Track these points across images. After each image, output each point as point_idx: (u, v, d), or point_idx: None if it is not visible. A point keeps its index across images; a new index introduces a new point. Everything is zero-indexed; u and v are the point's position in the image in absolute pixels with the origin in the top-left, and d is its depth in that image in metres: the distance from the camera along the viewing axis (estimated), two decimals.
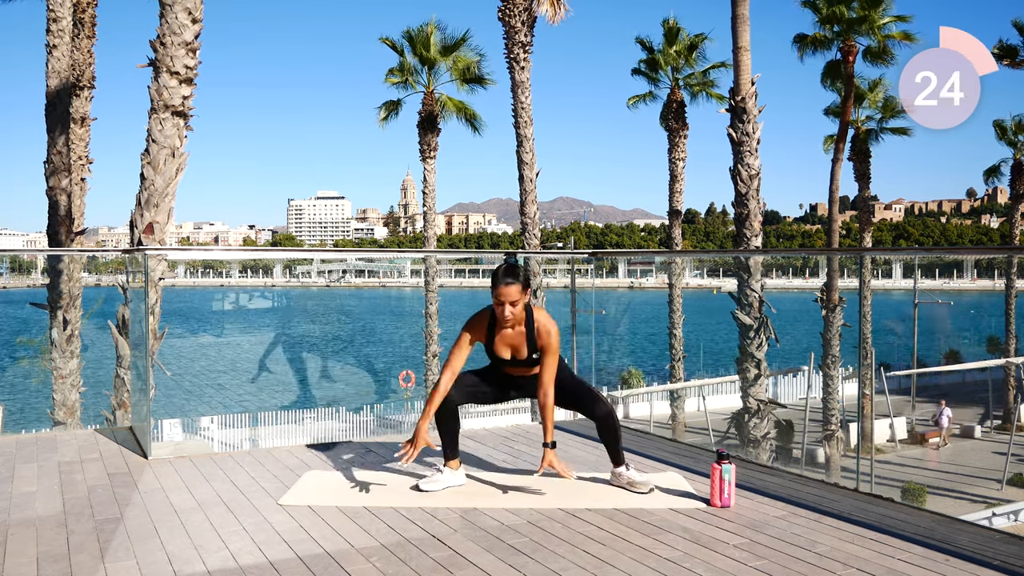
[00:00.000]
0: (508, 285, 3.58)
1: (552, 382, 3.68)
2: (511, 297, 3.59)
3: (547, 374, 3.67)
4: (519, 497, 3.61)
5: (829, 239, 23.43)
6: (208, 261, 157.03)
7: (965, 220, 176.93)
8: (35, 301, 11.68)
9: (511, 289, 3.59)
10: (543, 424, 3.66)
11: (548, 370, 3.67)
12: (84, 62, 14.06)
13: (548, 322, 3.69)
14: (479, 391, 3.83)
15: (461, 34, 22.06)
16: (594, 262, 6.37)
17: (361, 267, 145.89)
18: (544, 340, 3.67)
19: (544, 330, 3.67)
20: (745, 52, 13.60)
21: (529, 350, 3.70)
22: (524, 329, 3.69)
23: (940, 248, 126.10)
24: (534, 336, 3.68)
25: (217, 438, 19.63)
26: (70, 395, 10.97)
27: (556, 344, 3.67)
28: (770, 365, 14.06)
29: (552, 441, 3.63)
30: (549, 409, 3.65)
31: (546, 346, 3.67)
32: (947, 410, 22.57)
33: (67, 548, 2.97)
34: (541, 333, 3.67)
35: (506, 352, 3.73)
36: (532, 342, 3.69)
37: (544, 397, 3.66)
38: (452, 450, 3.76)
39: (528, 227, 18.06)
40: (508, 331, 3.70)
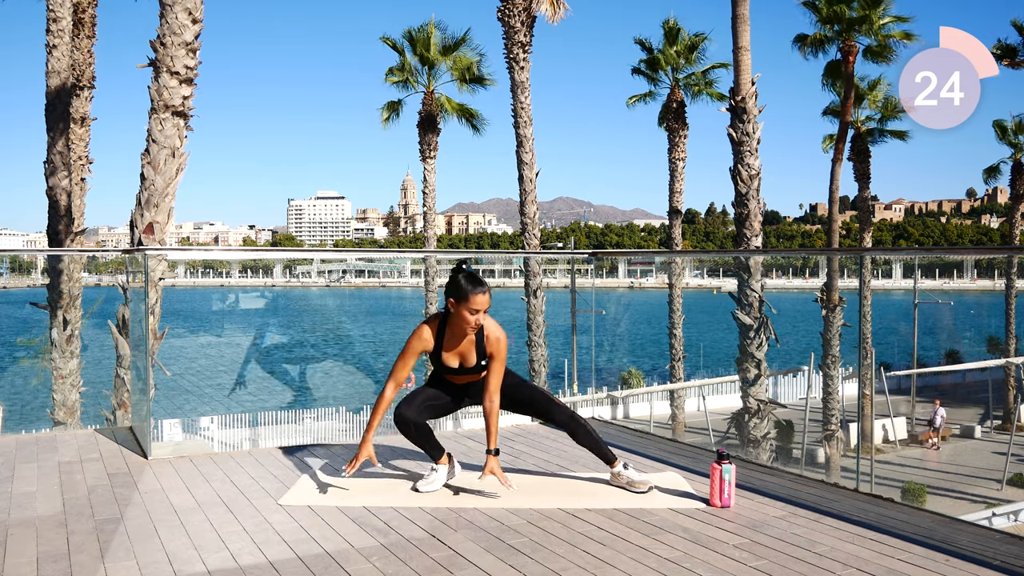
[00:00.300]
0: (484, 293, 3.56)
1: (498, 389, 3.68)
2: (486, 305, 3.58)
3: (494, 380, 3.67)
4: (519, 497, 3.61)
5: (829, 239, 23.43)
6: (208, 261, 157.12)
7: (965, 220, 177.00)
8: (35, 301, 11.68)
9: (487, 297, 3.57)
10: (487, 430, 3.64)
11: (495, 376, 3.68)
12: (84, 62, 14.07)
13: (497, 329, 3.68)
14: (437, 404, 3.79)
15: (461, 34, 22.09)
16: (594, 262, 6.37)
17: (361, 267, 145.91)
18: (493, 347, 3.66)
19: (494, 337, 3.65)
20: (745, 52, 13.61)
21: (478, 357, 3.70)
22: (473, 337, 3.67)
23: (940, 248, 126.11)
24: (483, 343, 3.67)
25: (217, 438, 19.64)
26: (70, 395, 10.97)
27: (504, 351, 3.68)
28: (770, 365, 14.06)
29: (496, 448, 3.62)
30: (494, 416, 3.65)
31: (495, 353, 3.66)
32: (941, 410, 22.53)
33: (67, 548, 2.97)
34: (491, 340, 3.66)
35: (454, 360, 3.72)
36: (481, 349, 3.68)
37: (490, 403, 3.66)
38: (436, 451, 3.75)
39: (528, 227, 18.06)
40: (457, 340, 3.68)
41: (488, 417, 3.66)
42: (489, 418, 3.66)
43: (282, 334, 50.32)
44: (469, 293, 3.54)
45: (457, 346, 3.68)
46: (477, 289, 3.55)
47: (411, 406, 3.66)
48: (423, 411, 3.71)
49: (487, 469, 3.59)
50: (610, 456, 3.80)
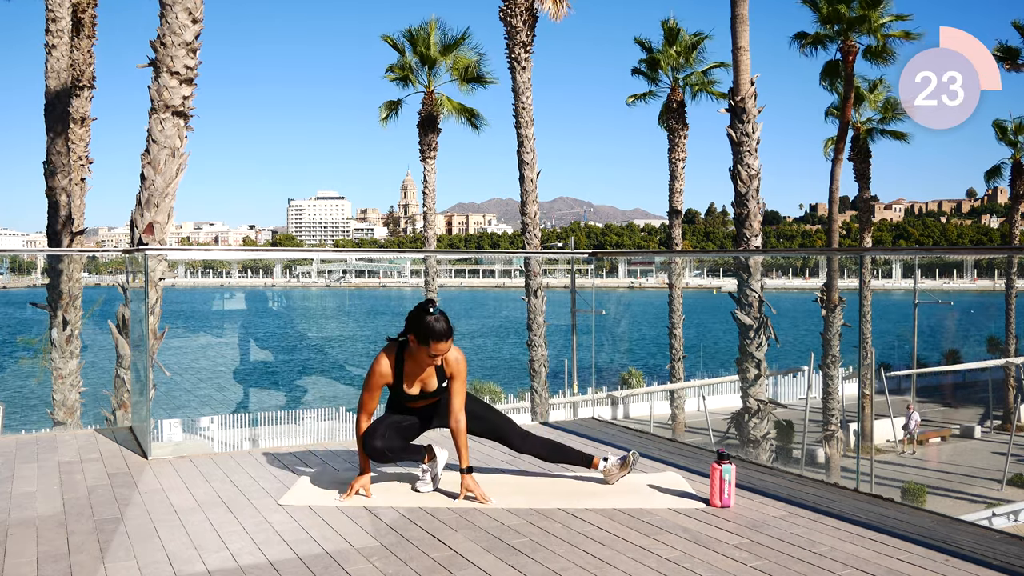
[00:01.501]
0: (445, 341, 3.54)
1: (462, 407, 3.69)
2: (446, 351, 3.57)
3: (456, 400, 3.68)
4: (519, 497, 3.61)
5: (829, 239, 23.43)
6: (208, 261, 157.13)
7: (965, 220, 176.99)
8: (35, 301, 11.68)
9: (447, 344, 3.55)
10: (458, 450, 3.65)
11: (457, 396, 3.68)
12: (84, 62, 14.06)
13: (455, 350, 3.68)
14: (403, 426, 3.78)
15: (461, 33, 22.07)
16: (594, 262, 6.37)
17: (361, 267, 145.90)
18: (453, 368, 3.67)
19: (452, 359, 3.66)
20: (745, 52, 13.61)
21: (439, 380, 3.71)
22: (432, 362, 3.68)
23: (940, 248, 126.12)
24: (443, 367, 3.68)
25: (217, 438, 19.64)
26: (70, 395, 10.97)
27: (464, 370, 3.69)
28: (770, 365, 14.06)
29: (468, 467, 3.63)
30: (462, 435, 3.65)
31: (455, 374, 3.68)
32: (915, 414, 22.44)
33: (67, 548, 2.97)
34: (450, 362, 3.66)
35: (416, 388, 3.72)
36: (441, 373, 3.70)
37: (456, 423, 3.66)
38: (418, 455, 3.76)
39: (528, 227, 18.06)
40: (419, 369, 3.68)
41: (456, 437, 3.65)
42: (457, 438, 3.65)
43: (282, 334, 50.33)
44: (431, 340, 3.51)
45: (417, 375, 3.70)
46: (440, 338, 3.51)
47: (377, 436, 3.63)
48: (393, 437, 3.68)
49: (463, 488, 3.59)
50: (586, 458, 3.86)
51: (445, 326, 3.54)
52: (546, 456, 3.91)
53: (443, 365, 3.67)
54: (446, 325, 3.54)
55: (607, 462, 3.85)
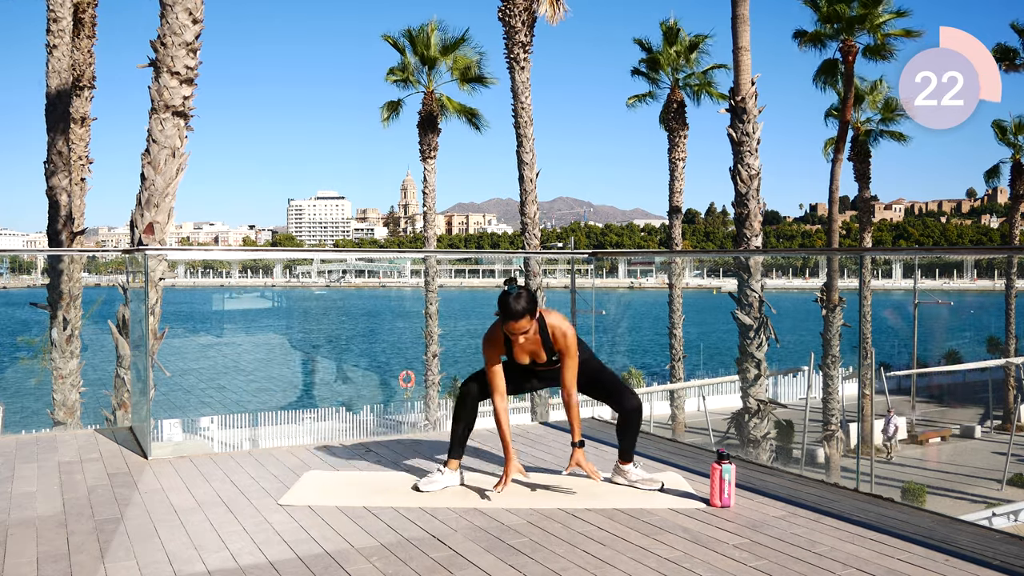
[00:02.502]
0: (518, 320, 3.52)
1: (575, 382, 3.68)
2: (523, 329, 3.56)
3: (568, 375, 3.67)
4: (519, 497, 3.61)
5: (829, 239, 23.43)
6: (208, 261, 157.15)
7: (965, 220, 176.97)
8: (35, 301, 11.68)
9: (522, 323, 3.54)
10: (570, 423, 3.69)
11: (569, 371, 3.67)
12: (84, 62, 14.06)
13: (561, 324, 3.66)
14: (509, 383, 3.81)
15: (461, 34, 22.07)
16: (594, 262, 6.37)
17: (361, 267, 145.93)
18: (560, 344, 3.66)
19: (559, 333, 3.65)
20: (745, 52, 13.61)
21: (548, 354, 3.71)
22: (539, 337, 3.67)
23: (940, 248, 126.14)
24: (550, 341, 3.67)
25: (217, 438, 19.65)
26: (70, 395, 10.97)
27: (573, 345, 3.66)
28: (770, 365, 14.06)
29: (580, 440, 3.66)
30: (575, 408, 3.67)
31: (563, 349, 3.66)
32: (895, 418, 22.37)
33: (67, 548, 2.97)
34: (557, 337, 3.65)
35: (526, 359, 3.74)
36: (549, 347, 3.69)
37: (569, 397, 3.68)
38: (457, 450, 3.77)
39: (528, 227, 18.06)
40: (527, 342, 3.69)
41: (569, 410, 3.69)
42: (570, 411, 3.68)
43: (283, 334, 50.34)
44: (506, 320, 3.53)
45: (524, 346, 3.69)
46: (512, 317, 3.51)
47: (478, 382, 3.70)
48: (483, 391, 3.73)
49: (572, 461, 3.64)
50: (631, 455, 3.84)
51: (518, 307, 3.51)
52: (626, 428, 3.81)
53: (551, 340, 3.66)
54: (520, 305, 3.51)
55: (635, 468, 3.80)
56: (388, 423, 22.38)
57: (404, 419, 22.71)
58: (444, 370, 21.48)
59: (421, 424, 20.97)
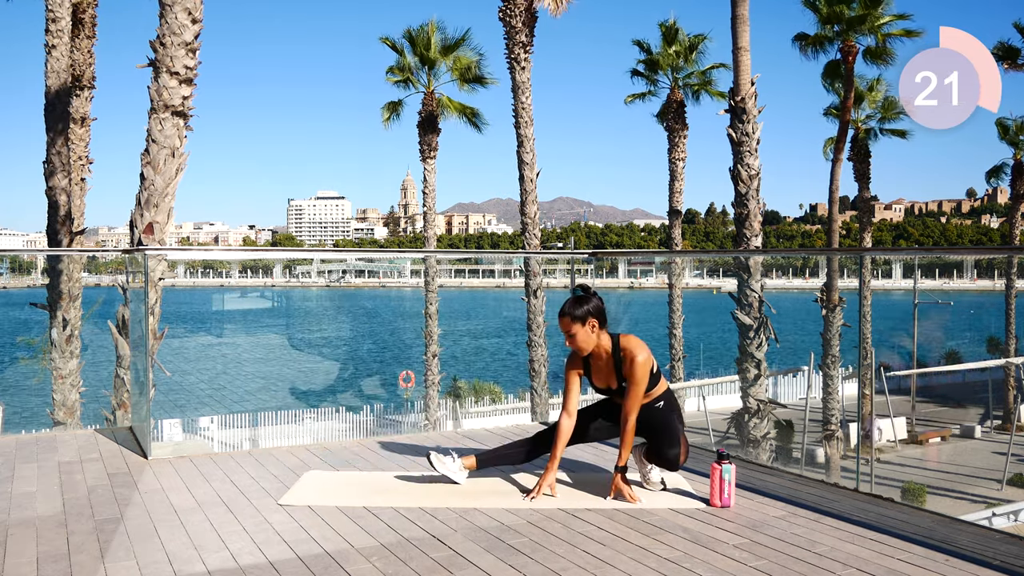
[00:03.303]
0: (561, 318, 3.67)
1: (635, 408, 3.62)
2: (565, 329, 3.66)
3: (630, 401, 3.63)
4: (519, 497, 3.61)
5: (829, 239, 23.43)
6: (208, 261, 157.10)
7: (965, 220, 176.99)
8: (35, 301, 11.68)
9: (562, 321, 3.67)
10: (621, 446, 3.62)
11: (632, 397, 3.63)
12: (84, 62, 14.06)
13: (634, 349, 3.63)
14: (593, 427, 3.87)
15: (461, 34, 22.08)
16: (594, 262, 6.37)
17: (361, 267, 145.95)
18: (627, 369, 3.64)
19: (629, 357, 3.64)
20: (745, 52, 13.61)
21: (618, 380, 3.70)
22: (612, 359, 3.69)
23: (940, 248, 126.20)
24: (621, 365, 3.67)
25: (217, 438, 19.65)
26: (70, 395, 10.97)
27: (640, 372, 3.60)
28: (770, 365, 14.06)
29: (623, 466, 3.61)
30: (627, 433, 3.61)
31: (629, 375, 3.63)
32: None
33: (67, 548, 2.97)
34: (627, 362, 3.65)
35: (601, 382, 3.77)
36: (619, 371, 3.68)
37: (625, 420, 3.62)
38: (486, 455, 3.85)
39: (528, 227, 18.06)
40: (599, 362, 3.72)
41: (623, 434, 3.62)
42: (624, 435, 3.61)
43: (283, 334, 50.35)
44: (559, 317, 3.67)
45: (598, 368, 3.74)
46: (559, 314, 3.67)
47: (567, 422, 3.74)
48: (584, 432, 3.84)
49: (614, 486, 3.59)
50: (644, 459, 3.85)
51: (565, 307, 3.66)
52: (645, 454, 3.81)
53: (622, 365, 3.66)
54: (568, 307, 3.66)
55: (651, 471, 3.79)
56: (388, 423, 22.38)
57: (404, 419, 22.71)
58: (444, 370, 21.49)
59: (421, 424, 20.97)
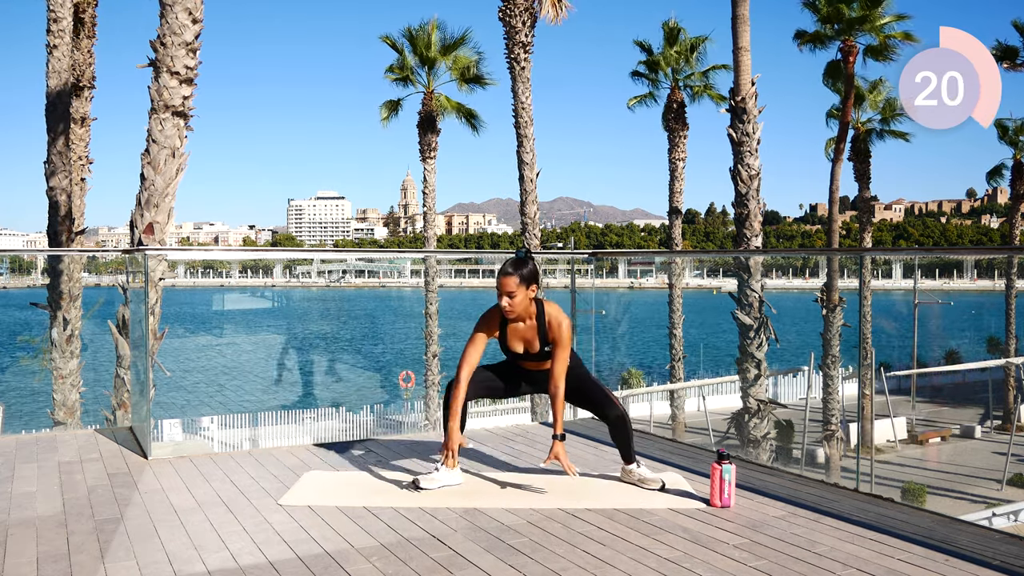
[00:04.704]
0: (506, 276, 3.64)
1: (563, 374, 3.70)
2: (507, 287, 3.63)
3: (558, 366, 3.70)
4: (519, 497, 3.61)
5: (829, 239, 23.42)
6: (208, 261, 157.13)
7: (965, 220, 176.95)
8: (35, 301, 11.68)
9: (508, 280, 3.63)
10: (554, 415, 3.69)
11: (559, 362, 3.70)
12: (84, 62, 14.06)
13: (559, 315, 3.71)
14: (492, 385, 3.88)
15: (461, 34, 22.07)
16: (594, 262, 6.37)
17: (361, 267, 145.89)
18: (555, 333, 3.70)
19: (555, 323, 3.69)
20: (745, 52, 13.61)
21: (541, 343, 3.74)
22: (535, 323, 3.73)
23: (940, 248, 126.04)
24: (545, 329, 3.71)
25: (217, 438, 19.64)
26: (70, 395, 10.97)
27: (567, 337, 3.70)
28: (770, 365, 14.06)
29: (562, 433, 3.66)
30: (560, 400, 3.68)
31: (557, 339, 3.70)
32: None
33: (67, 548, 2.97)
34: (552, 326, 3.70)
35: (519, 346, 3.78)
36: (543, 335, 3.73)
37: (555, 388, 3.69)
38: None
39: (528, 227, 18.06)
40: (520, 325, 3.74)
41: (554, 401, 3.68)
42: (555, 403, 3.68)
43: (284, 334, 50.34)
44: (499, 276, 3.65)
45: (519, 331, 3.74)
46: (502, 271, 3.65)
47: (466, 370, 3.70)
48: (477, 385, 3.77)
49: (552, 454, 3.63)
50: (632, 456, 3.85)
51: (508, 266, 3.65)
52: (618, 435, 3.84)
53: (546, 328, 3.69)
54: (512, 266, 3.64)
55: (638, 468, 3.82)
56: (388, 423, 22.37)
57: (404, 419, 22.70)
58: (444, 370, 21.47)
59: (421, 424, 20.97)
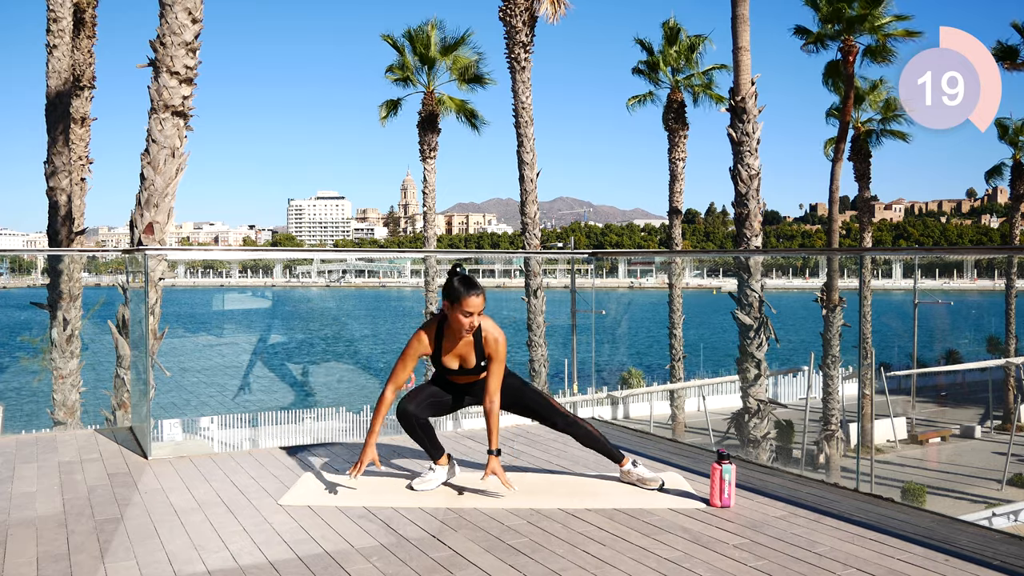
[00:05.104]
0: (478, 296, 3.58)
1: (498, 389, 3.70)
2: (480, 307, 3.60)
3: (493, 381, 3.69)
4: (519, 497, 3.61)
5: (829, 239, 23.42)
6: (208, 261, 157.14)
7: (965, 220, 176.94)
8: (35, 301, 11.68)
9: (480, 299, 3.59)
10: (488, 431, 3.66)
11: (494, 377, 3.69)
12: (84, 62, 14.06)
13: (495, 330, 3.69)
14: (438, 402, 3.82)
15: (461, 34, 22.07)
16: (594, 262, 6.37)
17: (361, 267, 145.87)
18: (492, 348, 3.68)
19: (492, 338, 3.67)
20: (745, 52, 13.61)
21: (477, 358, 3.71)
22: (472, 339, 3.69)
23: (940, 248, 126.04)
24: (482, 344, 3.69)
25: (217, 438, 19.63)
26: (70, 395, 10.97)
27: (503, 352, 3.70)
28: (770, 365, 14.06)
29: (497, 448, 3.63)
30: (494, 416, 3.66)
31: (493, 354, 3.68)
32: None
33: (67, 548, 2.97)
34: (489, 341, 3.68)
35: (454, 362, 3.73)
36: (480, 350, 3.70)
37: (490, 404, 3.67)
38: (436, 451, 3.77)
39: (528, 227, 18.06)
40: (455, 341, 3.69)
41: (488, 417, 3.67)
42: (490, 418, 3.67)
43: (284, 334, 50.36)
44: (462, 296, 3.56)
45: (455, 348, 3.70)
46: (470, 292, 3.57)
47: (413, 402, 3.69)
48: (425, 407, 3.74)
49: (489, 469, 3.60)
50: (617, 455, 3.84)
51: (467, 280, 3.61)
52: (582, 441, 3.85)
53: (482, 343, 3.68)
54: (469, 280, 3.61)
55: (635, 467, 3.81)
56: (388, 423, 22.35)
57: None
58: None
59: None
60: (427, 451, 3.77)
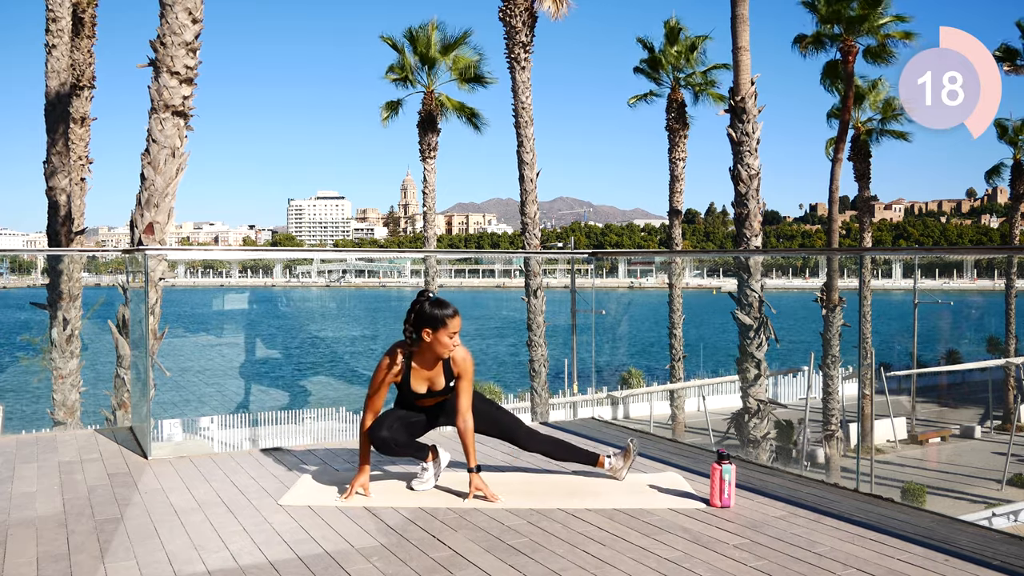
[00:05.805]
0: (457, 314, 3.59)
1: (469, 407, 3.69)
2: (459, 327, 3.61)
3: (464, 400, 3.68)
4: (519, 497, 3.61)
5: (829, 239, 23.42)
6: (208, 261, 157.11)
7: (965, 220, 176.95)
8: (35, 301, 11.68)
9: (459, 320, 3.60)
10: (465, 449, 3.64)
11: (464, 396, 3.68)
12: (84, 62, 14.06)
13: (460, 348, 3.69)
14: (412, 423, 3.78)
15: (461, 34, 22.07)
16: (594, 262, 6.37)
17: (361, 267, 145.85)
18: (460, 367, 3.68)
19: (459, 357, 3.67)
20: (745, 52, 13.62)
21: (446, 379, 3.71)
22: (442, 360, 3.68)
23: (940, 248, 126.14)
24: (450, 364, 3.68)
25: (217, 438, 19.63)
26: (70, 395, 10.97)
27: (471, 369, 3.70)
28: (770, 365, 14.06)
29: (476, 465, 3.63)
30: (469, 434, 3.64)
31: (462, 372, 3.68)
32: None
33: (67, 548, 2.97)
34: (457, 360, 3.67)
35: (423, 386, 3.72)
36: (449, 371, 3.69)
37: (463, 423, 3.65)
38: (421, 452, 3.76)
39: (528, 227, 18.06)
40: (428, 366, 3.68)
41: (463, 437, 3.64)
42: (465, 437, 3.64)
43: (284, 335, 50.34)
44: (446, 319, 3.56)
45: (425, 372, 3.69)
46: (452, 313, 3.58)
47: (384, 427, 3.63)
48: (399, 430, 3.69)
49: (472, 488, 3.59)
50: (592, 457, 3.88)
51: (440, 302, 3.61)
52: (552, 454, 3.92)
53: (451, 364, 3.67)
54: (442, 302, 3.61)
55: (611, 459, 3.89)
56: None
57: None
58: None
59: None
60: (415, 457, 3.77)
